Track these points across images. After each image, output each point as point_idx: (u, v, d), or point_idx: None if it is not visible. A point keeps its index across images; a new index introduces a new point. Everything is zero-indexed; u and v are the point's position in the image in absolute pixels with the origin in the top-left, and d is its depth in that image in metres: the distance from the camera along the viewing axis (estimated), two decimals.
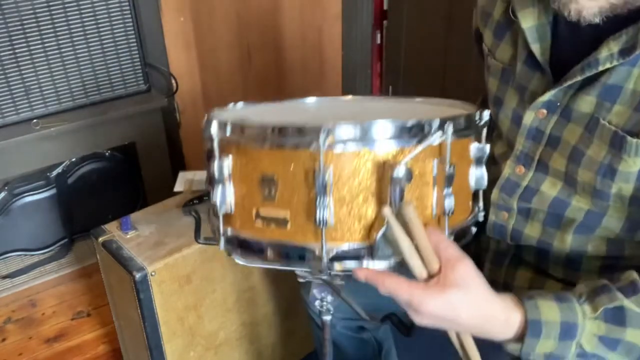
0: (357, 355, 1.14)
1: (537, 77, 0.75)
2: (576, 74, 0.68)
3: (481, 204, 0.75)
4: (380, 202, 0.62)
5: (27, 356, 1.59)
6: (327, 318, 0.74)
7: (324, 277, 0.69)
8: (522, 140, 0.77)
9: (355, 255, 0.63)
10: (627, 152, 0.66)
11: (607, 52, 0.65)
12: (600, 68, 0.66)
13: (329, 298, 0.72)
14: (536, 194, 0.78)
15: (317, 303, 0.72)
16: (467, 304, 0.61)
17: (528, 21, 0.73)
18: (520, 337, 0.65)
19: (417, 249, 0.61)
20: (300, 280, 0.70)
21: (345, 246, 0.63)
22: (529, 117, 0.75)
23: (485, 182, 0.70)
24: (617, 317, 0.65)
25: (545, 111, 0.73)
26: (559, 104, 0.72)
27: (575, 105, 0.70)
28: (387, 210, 0.60)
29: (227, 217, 0.68)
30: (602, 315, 0.65)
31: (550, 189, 0.76)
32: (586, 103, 0.69)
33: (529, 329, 0.64)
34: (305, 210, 0.62)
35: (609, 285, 0.67)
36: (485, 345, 0.67)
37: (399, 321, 0.81)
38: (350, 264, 0.63)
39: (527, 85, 0.76)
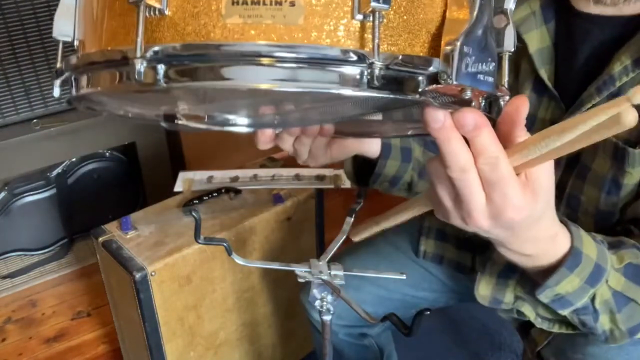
0: None
1: (545, 103, 0.73)
2: (593, 96, 0.65)
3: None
4: None
5: (27, 356, 1.59)
6: (327, 318, 0.74)
7: (324, 277, 0.68)
8: None
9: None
10: (630, 165, 0.65)
11: (620, 66, 0.62)
12: (618, 84, 0.63)
13: (329, 298, 0.72)
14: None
15: (317, 303, 0.72)
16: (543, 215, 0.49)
17: (533, 44, 0.71)
18: (547, 270, 0.56)
19: None
20: (300, 280, 0.70)
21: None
22: None
23: None
24: (639, 275, 0.60)
25: None
26: None
27: None
28: None
29: (155, 23, 0.37)
30: (624, 269, 0.59)
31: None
32: None
33: (569, 258, 0.54)
34: None
35: (625, 241, 0.62)
36: None
37: (399, 321, 0.81)
38: None
39: (536, 113, 0.73)
